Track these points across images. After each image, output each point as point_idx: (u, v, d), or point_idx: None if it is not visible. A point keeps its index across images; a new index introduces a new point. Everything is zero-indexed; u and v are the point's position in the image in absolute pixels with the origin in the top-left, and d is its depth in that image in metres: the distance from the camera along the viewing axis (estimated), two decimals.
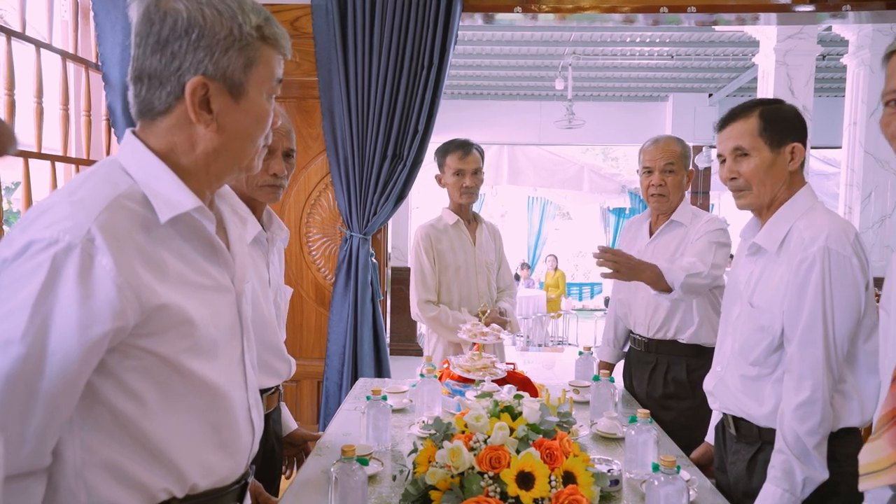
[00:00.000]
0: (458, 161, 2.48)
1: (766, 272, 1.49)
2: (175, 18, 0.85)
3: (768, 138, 1.46)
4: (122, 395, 0.83)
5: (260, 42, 0.90)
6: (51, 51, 2.41)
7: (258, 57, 0.90)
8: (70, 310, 0.76)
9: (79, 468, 0.82)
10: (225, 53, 0.86)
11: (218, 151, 0.91)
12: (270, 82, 0.93)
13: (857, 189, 4.78)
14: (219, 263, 0.96)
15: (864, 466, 1.01)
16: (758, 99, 1.56)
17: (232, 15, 0.87)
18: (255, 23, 0.88)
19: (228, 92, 0.88)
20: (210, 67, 0.86)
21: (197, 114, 0.87)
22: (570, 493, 1.19)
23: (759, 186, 1.48)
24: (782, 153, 1.47)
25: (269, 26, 0.91)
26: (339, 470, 1.22)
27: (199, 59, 0.85)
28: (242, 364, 1.00)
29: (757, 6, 2.86)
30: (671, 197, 2.20)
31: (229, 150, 0.91)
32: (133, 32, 0.88)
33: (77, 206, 0.79)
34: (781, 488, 1.36)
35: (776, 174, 1.47)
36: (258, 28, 0.89)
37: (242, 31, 0.87)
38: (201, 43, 0.85)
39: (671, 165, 2.18)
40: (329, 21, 2.78)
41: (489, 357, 2.05)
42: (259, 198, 1.59)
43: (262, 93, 0.92)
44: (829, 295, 1.35)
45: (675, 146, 2.21)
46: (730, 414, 1.56)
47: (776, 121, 1.47)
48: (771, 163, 1.47)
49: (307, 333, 3.02)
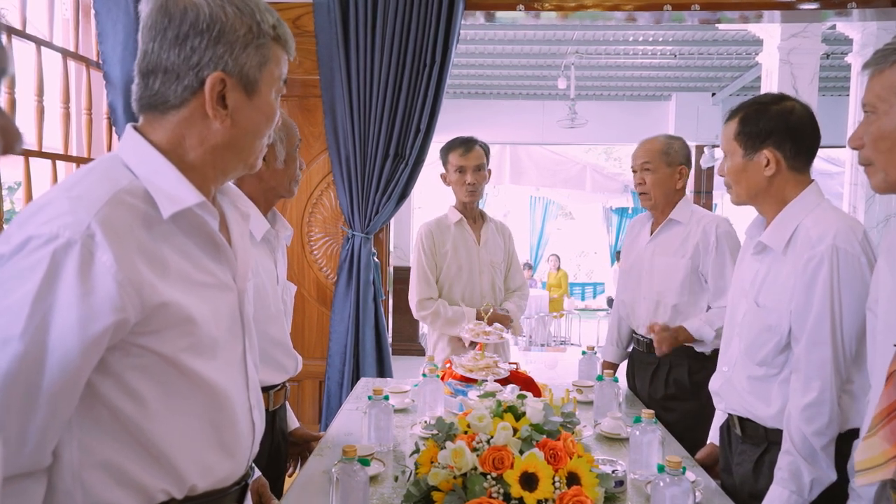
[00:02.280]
0: (459, 158, 2.47)
1: (772, 271, 1.47)
2: (196, 14, 0.85)
3: (742, 142, 1.47)
4: (122, 394, 0.82)
5: (273, 42, 0.92)
6: (52, 49, 2.40)
7: (271, 56, 0.92)
8: (70, 307, 0.75)
9: (76, 469, 0.81)
10: (244, 50, 0.88)
11: (227, 147, 0.91)
12: (279, 81, 0.95)
13: (861, 188, 4.75)
14: (221, 261, 0.95)
15: (860, 463, 1.02)
16: (750, 99, 1.55)
17: (251, 13, 0.88)
18: (272, 22, 0.91)
19: (243, 88, 0.89)
20: (230, 63, 0.87)
21: (214, 109, 0.88)
22: (575, 495, 1.18)
23: (736, 186, 1.51)
24: (756, 158, 1.46)
25: (281, 27, 0.93)
26: (340, 470, 1.22)
27: (218, 54, 0.86)
28: (244, 364, 0.99)
29: (761, 4, 2.84)
30: (653, 194, 2.18)
31: (239, 145, 0.93)
32: (144, 26, 0.88)
33: (77, 202, 0.78)
34: (789, 490, 1.34)
35: (749, 178, 1.48)
36: (274, 28, 0.91)
37: (261, 30, 0.89)
38: (222, 39, 0.86)
39: (647, 164, 2.17)
40: (331, 19, 2.77)
41: (492, 357, 2.04)
42: (288, 194, 1.67)
43: (272, 91, 0.94)
44: (836, 294, 1.33)
45: (655, 144, 2.19)
46: (735, 414, 1.55)
47: (752, 125, 1.47)
48: (742, 167, 1.48)
49: (309, 333, 3.01)
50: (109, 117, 2.71)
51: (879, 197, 4.73)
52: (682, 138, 2.26)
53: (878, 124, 1.07)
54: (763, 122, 1.46)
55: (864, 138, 1.09)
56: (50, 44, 2.38)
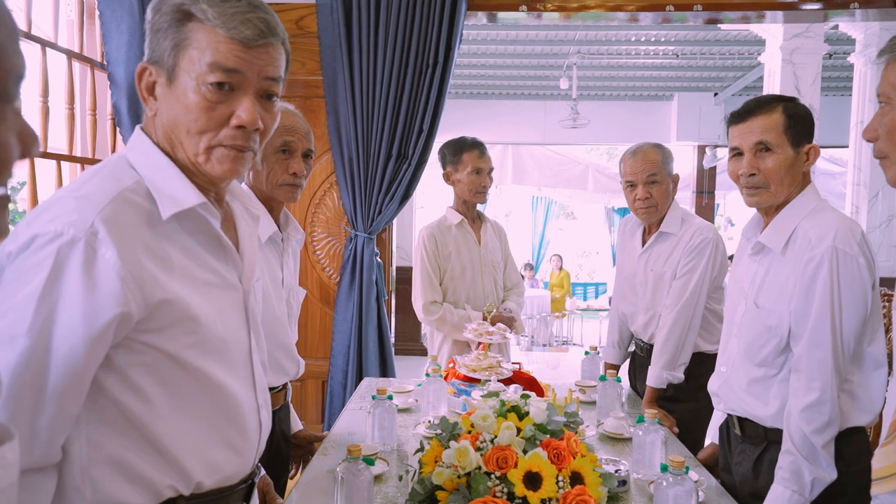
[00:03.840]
0: (477, 159, 2.45)
1: (771, 272, 1.47)
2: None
3: (791, 136, 1.43)
4: (128, 391, 0.83)
5: (189, 22, 0.83)
6: (56, 50, 2.41)
7: (189, 39, 0.84)
8: (75, 302, 0.76)
9: (84, 465, 0.82)
10: (155, 35, 0.87)
11: (169, 141, 0.88)
12: (202, 66, 0.83)
13: (864, 188, 4.75)
14: (226, 261, 0.95)
15: (877, 471, 1.00)
16: (775, 95, 1.52)
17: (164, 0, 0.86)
18: (177, 1, 0.84)
19: (166, 76, 0.87)
20: (147, 51, 0.88)
21: (145, 99, 0.89)
22: (578, 494, 1.18)
23: (778, 185, 1.44)
24: (801, 153, 1.44)
25: (194, 4, 0.83)
26: (344, 469, 1.22)
27: (150, 44, 0.88)
28: (250, 363, 1.00)
29: (763, 4, 2.84)
30: (660, 207, 2.14)
31: (173, 139, 0.88)
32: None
33: (82, 201, 0.79)
34: (790, 489, 1.35)
35: (794, 173, 1.45)
36: (179, 6, 0.83)
37: (161, 11, 0.86)
38: (151, 29, 0.87)
39: (654, 177, 2.10)
40: (334, 20, 2.78)
41: (495, 357, 2.04)
42: (278, 197, 1.60)
43: (193, 78, 0.84)
44: (836, 295, 1.34)
45: (656, 155, 2.13)
46: (735, 415, 1.55)
47: (798, 119, 1.44)
48: (792, 161, 1.43)
49: (312, 333, 3.02)
50: (114, 118, 2.72)
51: (882, 197, 4.72)
52: (662, 144, 2.22)
53: (892, 115, 1.01)
54: (805, 115, 1.45)
55: (879, 130, 1.03)
56: (55, 45, 2.39)
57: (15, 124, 0.54)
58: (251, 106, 0.86)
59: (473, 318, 2.41)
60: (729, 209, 11.63)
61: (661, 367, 2.03)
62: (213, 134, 0.86)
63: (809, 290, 1.36)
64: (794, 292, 1.39)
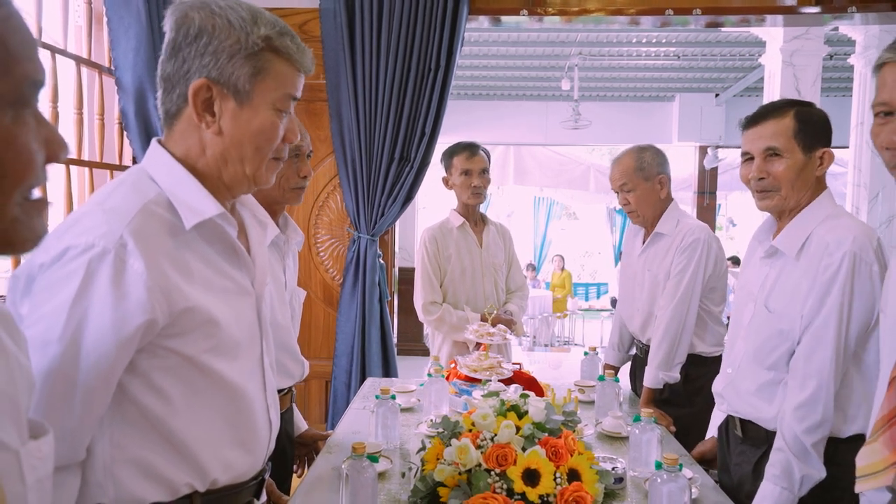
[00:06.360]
0: (465, 161, 2.51)
1: (782, 275, 1.47)
2: (188, 26, 0.89)
3: (802, 141, 1.43)
4: (150, 392, 0.87)
5: (270, 53, 0.92)
6: (65, 56, 2.44)
7: (268, 68, 0.92)
8: (104, 311, 0.80)
9: (108, 463, 0.86)
10: (230, 60, 0.89)
11: (223, 157, 0.93)
12: (278, 94, 0.93)
13: (864, 189, 4.76)
14: (240, 267, 0.99)
15: (862, 469, 1.02)
16: (789, 99, 1.53)
17: (242, 25, 0.90)
18: (264, 34, 0.91)
19: (233, 97, 0.91)
20: (214, 71, 0.90)
21: (200, 115, 0.91)
22: (575, 490, 1.21)
23: (788, 189, 1.45)
24: (813, 157, 1.45)
25: (279, 38, 0.92)
26: (349, 467, 1.25)
27: (204, 63, 0.89)
28: (261, 365, 1.03)
29: (762, 8, 2.87)
30: (641, 211, 2.17)
31: (232, 155, 0.93)
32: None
33: (110, 214, 0.83)
34: (780, 486, 1.36)
35: (805, 178, 1.45)
36: (266, 38, 0.91)
37: (249, 40, 0.90)
38: (208, 48, 0.89)
39: (625, 185, 2.16)
40: (337, 24, 2.81)
41: (496, 357, 2.07)
42: (289, 200, 1.62)
43: (269, 104, 0.93)
44: (848, 300, 1.34)
45: (629, 161, 2.17)
46: (737, 416, 1.55)
47: (810, 124, 1.44)
48: (802, 166, 1.44)
49: (315, 333, 3.05)
50: (121, 122, 2.76)
51: (882, 198, 4.74)
52: (652, 146, 2.23)
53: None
54: (818, 120, 1.45)
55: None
56: (64, 51, 2.43)
57: (39, 130, 0.55)
58: (295, 126, 0.99)
59: (472, 320, 2.44)
60: (731, 209, 11.64)
61: (657, 367, 2.06)
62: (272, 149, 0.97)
63: (825, 294, 1.35)
64: (808, 297, 1.38)
